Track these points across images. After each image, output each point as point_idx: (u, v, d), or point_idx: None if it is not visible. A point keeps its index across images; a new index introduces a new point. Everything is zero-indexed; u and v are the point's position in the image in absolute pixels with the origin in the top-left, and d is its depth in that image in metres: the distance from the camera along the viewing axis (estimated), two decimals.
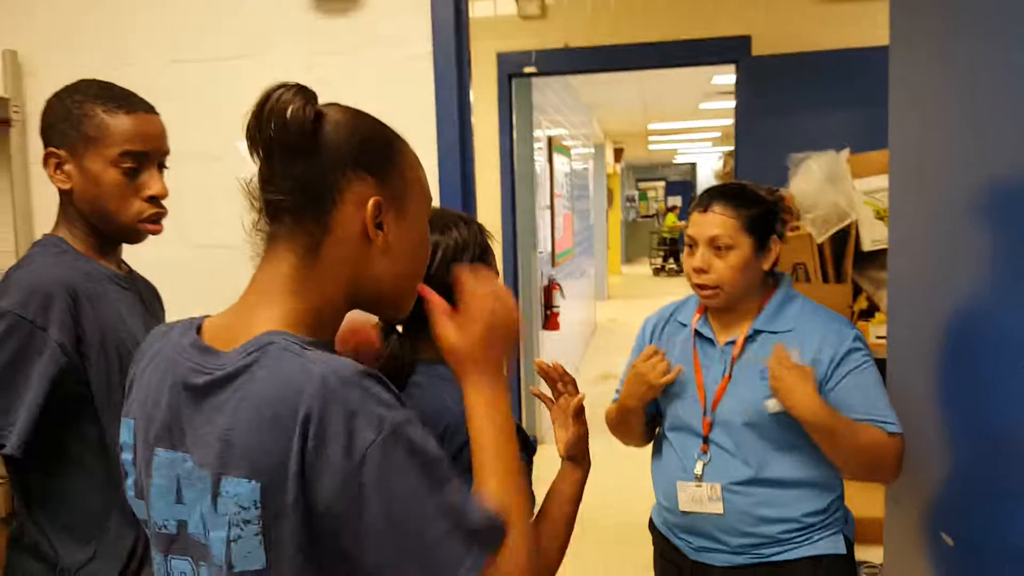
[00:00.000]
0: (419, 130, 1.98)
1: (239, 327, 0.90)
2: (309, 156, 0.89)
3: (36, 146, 1.56)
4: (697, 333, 1.78)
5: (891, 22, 1.90)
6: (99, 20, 2.10)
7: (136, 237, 1.46)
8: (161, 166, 1.46)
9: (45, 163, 1.40)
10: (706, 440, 1.71)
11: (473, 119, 2.09)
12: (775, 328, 1.69)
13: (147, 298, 1.57)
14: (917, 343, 1.84)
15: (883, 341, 2.90)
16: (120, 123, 1.38)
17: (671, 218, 16.41)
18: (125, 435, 0.98)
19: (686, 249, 1.73)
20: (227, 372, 0.85)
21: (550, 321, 5.62)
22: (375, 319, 1.20)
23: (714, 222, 1.65)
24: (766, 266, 1.69)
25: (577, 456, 1.24)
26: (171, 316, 2.08)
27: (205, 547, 0.87)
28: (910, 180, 1.87)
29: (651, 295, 13.39)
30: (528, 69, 4.28)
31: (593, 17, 4.14)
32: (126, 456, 0.98)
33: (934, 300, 1.75)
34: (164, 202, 1.45)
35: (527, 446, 1.15)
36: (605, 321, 10.70)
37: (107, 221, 1.41)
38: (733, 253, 1.65)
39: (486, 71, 4.20)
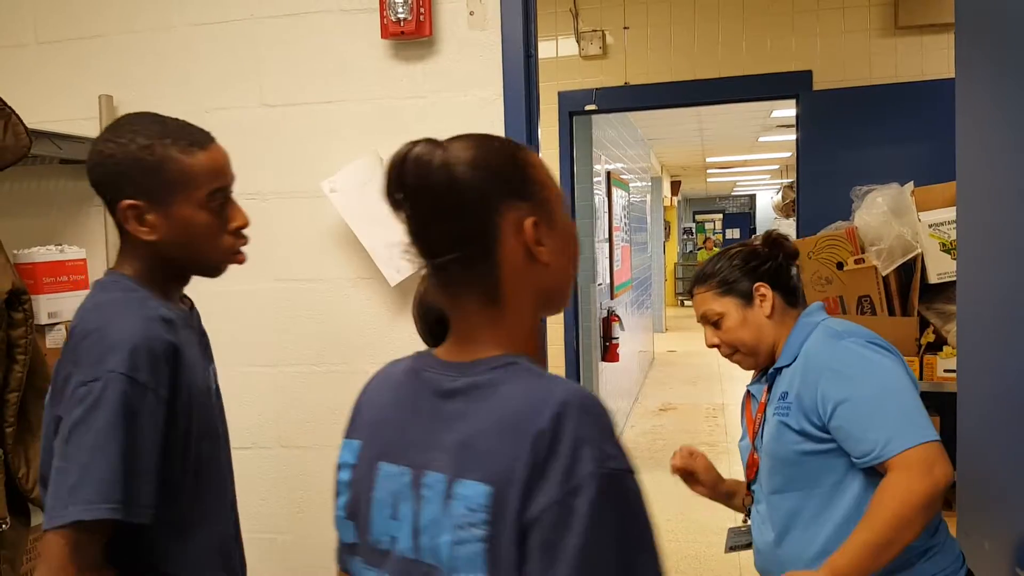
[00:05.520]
0: None
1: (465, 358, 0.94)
2: (456, 209, 0.90)
3: None
4: (749, 393, 1.83)
5: (957, 54, 1.91)
6: (189, 66, 2.21)
7: (219, 272, 1.39)
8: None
9: (123, 217, 1.29)
10: (750, 487, 1.79)
11: None
12: (782, 363, 1.68)
13: (198, 324, 1.48)
14: (988, 376, 1.83)
15: (952, 375, 2.87)
16: (200, 162, 1.29)
17: (703, 254, 16.63)
18: (347, 455, 1.01)
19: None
20: (475, 381, 0.90)
21: (609, 352, 5.64)
22: None
23: (697, 304, 1.78)
24: (766, 311, 1.69)
25: None
26: (264, 346, 2.17)
27: (413, 563, 0.89)
28: (978, 212, 1.87)
29: None
30: (589, 107, 4.34)
31: (653, 55, 4.20)
32: (343, 476, 1.00)
33: (1005, 333, 1.74)
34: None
35: None
36: (663, 353, 10.65)
37: (197, 262, 1.35)
38: (724, 320, 1.72)
39: (547, 109, 4.27)
